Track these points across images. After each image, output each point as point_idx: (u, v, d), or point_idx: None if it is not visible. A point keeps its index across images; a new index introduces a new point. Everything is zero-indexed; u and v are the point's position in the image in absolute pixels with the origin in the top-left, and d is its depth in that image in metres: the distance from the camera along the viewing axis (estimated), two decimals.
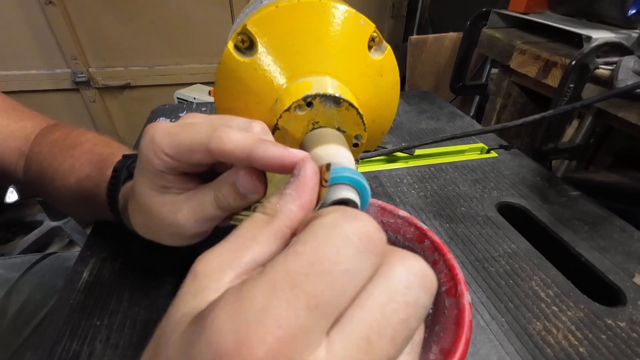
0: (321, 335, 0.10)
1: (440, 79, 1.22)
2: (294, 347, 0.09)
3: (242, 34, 0.23)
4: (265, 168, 0.17)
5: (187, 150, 0.18)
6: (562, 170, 0.72)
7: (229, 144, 0.17)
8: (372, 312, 0.11)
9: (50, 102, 1.44)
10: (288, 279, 0.10)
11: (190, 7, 1.38)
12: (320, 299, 0.10)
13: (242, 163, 0.18)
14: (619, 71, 0.41)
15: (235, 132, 0.18)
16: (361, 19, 0.24)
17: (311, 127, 0.23)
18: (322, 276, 0.10)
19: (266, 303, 0.10)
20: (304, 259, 0.10)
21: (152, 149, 0.19)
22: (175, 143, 0.18)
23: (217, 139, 0.17)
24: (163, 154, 0.19)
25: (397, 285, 0.11)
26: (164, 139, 0.19)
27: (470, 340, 0.27)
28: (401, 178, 0.46)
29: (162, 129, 0.19)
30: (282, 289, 0.10)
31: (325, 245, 0.11)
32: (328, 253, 0.10)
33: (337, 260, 0.10)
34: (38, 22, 1.28)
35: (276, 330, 0.09)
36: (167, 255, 0.33)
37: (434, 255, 0.22)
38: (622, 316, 0.30)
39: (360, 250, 0.11)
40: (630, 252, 0.36)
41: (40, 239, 1.31)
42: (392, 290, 0.11)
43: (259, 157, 0.17)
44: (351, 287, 0.11)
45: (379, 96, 0.27)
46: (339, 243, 0.11)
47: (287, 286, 0.10)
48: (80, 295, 0.30)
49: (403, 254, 0.12)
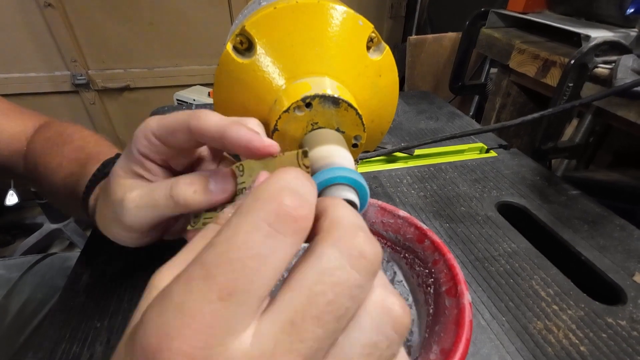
0: (245, 321, 0.10)
1: (439, 79, 1.22)
2: (212, 336, 0.10)
3: (241, 35, 0.23)
4: (236, 149, 0.18)
5: (171, 130, 0.20)
6: (561, 170, 0.73)
7: (207, 122, 0.18)
8: (298, 294, 0.10)
9: (49, 105, 1.44)
10: (202, 271, 0.10)
11: (189, 9, 1.38)
12: (233, 287, 0.10)
13: (216, 143, 0.19)
14: (618, 70, 0.41)
15: (215, 115, 0.19)
16: (360, 20, 0.24)
17: (310, 128, 0.23)
18: (232, 264, 0.10)
19: (182, 298, 0.10)
20: (216, 250, 0.10)
21: (142, 130, 0.20)
22: (162, 123, 0.20)
23: (196, 118, 0.19)
24: (151, 134, 0.20)
25: (326, 266, 0.11)
26: (154, 121, 0.20)
27: (471, 340, 0.27)
28: (401, 178, 0.46)
29: (155, 117, 0.21)
30: (197, 282, 0.10)
31: (235, 234, 0.11)
32: (237, 241, 0.10)
33: (245, 246, 0.10)
34: (37, 25, 1.28)
35: (191, 322, 0.10)
36: (167, 257, 0.33)
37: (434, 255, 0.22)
38: (622, 315, 0.30)
39: (269, 234, 0.11)
40: (630, 251, 0.36)
41: (40, 242, 1.31)
42: (321, 272, 0.11)
43: (229, 135, 0.18)
44: (267, 271, 0.10)
45: (378, 96, 0.27)
46: (247, 229, 0.11)
47: (200, 279, 0.10)
48: (80, 297, 0.30)
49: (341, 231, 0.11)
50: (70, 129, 0.35)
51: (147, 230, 0.22)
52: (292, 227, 0.11)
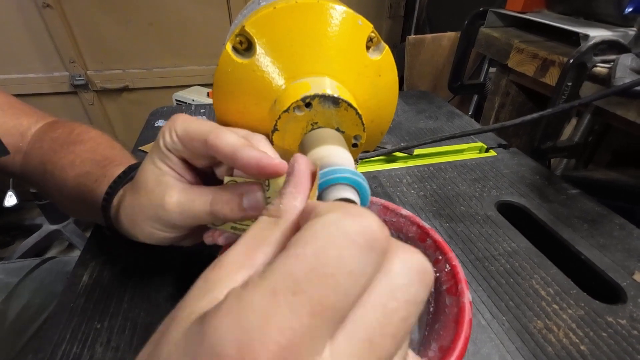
0: (326, 339, 0.10)
1: (438, 79, 1.22)
2: (298, 353, 0.09)
3: (240, 35, 0.23)
4: (245, 168, 0.19)
5: (191, 137, 0.21)
6: (561, 169, 0.73)
7: (221, 141, 0.20)
8: (374, 312, 0.10)
9: (48, 106, 1.43)
10: (290, 284, 0.10)
11: (188, 9, 1.38)
12: (325, 305, 0.10)
13: (227, 161, 0.20)
14: (617, 69, 0.41)
15: (231, 134, 0.20)
16: (359, 19, 0.24)
17: (310, 128, 0.23)
18: (325, 280, 0.10)
19: (268, 309, 0.09)
20: (305, 262, 0.10)
21: (169, 127, 0.22)
22: (185, 127, 0.21)
23: (214, 134, 0.20)
24: (174, 134, 0.22)
25: (397, 282, 0.11)
26: (180, 122, 0.22)
27: (472, 339, 0.28)
28: (400, 178, 0.46)
29: (184, 116, 0.22)
30: (284, 295, 0.10)
31: (327, 247, 0.10)
32: (331, 255, 0.10)
33: (341, 262, 0.10)
34: (36, 26, 1.28)
35: (279, 337, 0.09)
36: (167, 258, 0.33)
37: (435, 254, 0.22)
38: (622, 314, 0.30)
39: (363, 251, 0.10)
40: (630, 250, 0.36)
41: (39, 243, 1.31)
42: (393, 289, 0.11)
43: (240, 157, 0.19)
44: (355, 289, 0.10)
45: (378, 96, 0.27)
46: (342, 244, 0.10)
47: (289, 292, 0.10)
48: (80, 298, 0.30)
49: (402, 248, 0.12)
50: (79, 129, 0.35)
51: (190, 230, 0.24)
52: (381, 245, 0.11)
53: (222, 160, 0.21)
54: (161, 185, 0.22)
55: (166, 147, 0.22)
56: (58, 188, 0.32)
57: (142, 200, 0.23)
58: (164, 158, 0.22)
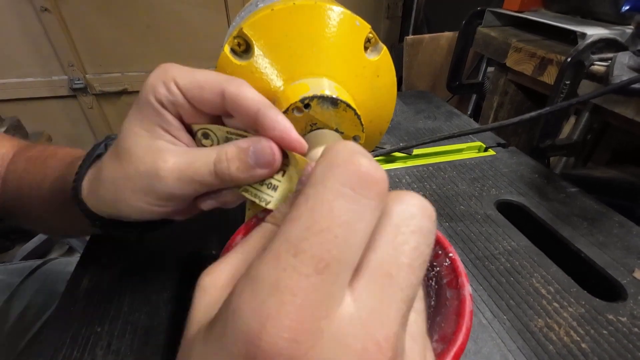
0: (343, 289, 0.10)
1: (436, 79, 1.22)
2: (317, 309, 0.09)
3: (239, 37, 0.23)
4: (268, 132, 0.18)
5: (201, 86, 0.18)
6: (560, 167, 0.73)
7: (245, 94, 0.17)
8: (384, 249, 0.11)
9: (47, 109, 1.43)
10: (290, 248, 0.10)
11: (185, 12, 1.38)
12: (327, 258, 0.10)
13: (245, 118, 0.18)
14: (614, 67, 0.41)
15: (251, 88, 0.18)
16: (357, 20, 0.24)
17: (309, 129, 0.23)
18: (321, 236, 0.10)
19: (275, 277, 0.10)
20: (300, 224, 0.10)
21: (161, 78, 0.18)
22: (189, 76, 0.18)
23: (234, 85, 0.18)
24: (173, 84, 0.18)
25: (399, 219, 0.11)
26: (178, 70, 0.18)
27: (473, 339, 0.28)
28: (400, 178, 0.46)
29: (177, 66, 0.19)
30: (287, 259, 0.10)
31: (317, 204, 0.10)
32: (322, 211, 0.10)
33: (333, 215, 0.10)
34: (34, 30, 1.28)
35: (293, 299, 0.09)
36: (167, 261, 0.33)
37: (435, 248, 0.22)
38: (623, 311, 0.30)
39: (354, 199, 0.10)
40: (630, 247, 0.36)
41: (39, 247, 1.31)
42: (397, 225, 0.11)
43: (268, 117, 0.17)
44: (357, 237, 0.10)
45: (376, 97, 0.27)
46: (330, 197, 0.10)
47: (290, 255, 0.10)
48: (80, 302, 0.30)
49: (398, 192, 0.12)
50: (53, 147, 0.33)
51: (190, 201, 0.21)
52: (374, 190, 0.11)
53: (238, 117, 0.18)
54: (152, 150, 0.19)
55: (160, 103, 0.18)
56: (36, 206, 0.30)
57: (128, 170, 0.19)
58: (155, 117, 0.19)
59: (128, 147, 0.19)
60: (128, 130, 0.19)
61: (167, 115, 0.19)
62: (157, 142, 0.19)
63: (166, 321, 0.28)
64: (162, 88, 0.18)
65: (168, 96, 0.18)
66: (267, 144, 0.18)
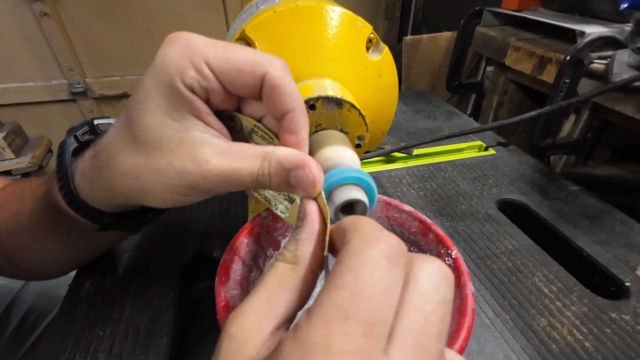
0: (381, 355, 0.11)
1: (436, 79, 1.22)
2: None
3: (241, 39, 0.23)
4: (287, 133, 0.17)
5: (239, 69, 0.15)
6: (560, 166, 0.73)
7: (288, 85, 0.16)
8: (415, 317, 0.12)
9: (47, 114, 1.44)
10: (339, 312, 0.11)
11: (184, 15, 1.38)
12: (372, 322, 0.11)
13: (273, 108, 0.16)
14: (614, 65, 0.41)
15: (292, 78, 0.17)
16: (358, 21, 0.24)
17: (314, 130, 0.23)
18: (367, 301, 0.11)
19: (327, 339, 0.10)
20: (346, 291, 0.11)
21: (189, 56, 0.15)
22: (223, 56, 0.15)
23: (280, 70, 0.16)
24: (205, 66, 0.15)
25: (427, 288, 0.12)
26: (207, 47, 0.15)
27: (476, 338, 0.28)
28: (400, 178, 0.46)
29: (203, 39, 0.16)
30: (337, 323, 0.10)
31: (360, 274, 0.11)
32: (365, 280, 0.11)
33: (374, 283, 0.11)
34: (33, 34, 1.28)
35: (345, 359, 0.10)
36: (168, 263, 0.33)
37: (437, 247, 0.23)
38: (626, 309, 0.30)
39: (389, 269, 0.12)
40: (632, 245, 0.36)
41: None
42: (425, 294, 0.12)
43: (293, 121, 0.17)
44: (392, 303, 0.11)
45: (379, 97, 0.27)
46: (371, 267, 0.11)
47: (340, 319, 0.10)
48: (82, 305, 0.30)
49: (422, 258, 0.13)
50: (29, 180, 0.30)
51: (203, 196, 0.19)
52: (402, 261, 0.12)
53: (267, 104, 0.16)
54: (187, 144, 0.16)
55: (190, 89, 0.16)
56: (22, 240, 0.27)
57: (158, 165, 0.17)
58: (185, 105, 0.16)
59: (156, 139, 0.17)
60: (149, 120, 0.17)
61: (197, 102, 0.16)
62: (190, 134, 0.17)
63: (168, 324, 0.28)
64: (192, 71, 0.15)
65: (201, 81, 0.16)
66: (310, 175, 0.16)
